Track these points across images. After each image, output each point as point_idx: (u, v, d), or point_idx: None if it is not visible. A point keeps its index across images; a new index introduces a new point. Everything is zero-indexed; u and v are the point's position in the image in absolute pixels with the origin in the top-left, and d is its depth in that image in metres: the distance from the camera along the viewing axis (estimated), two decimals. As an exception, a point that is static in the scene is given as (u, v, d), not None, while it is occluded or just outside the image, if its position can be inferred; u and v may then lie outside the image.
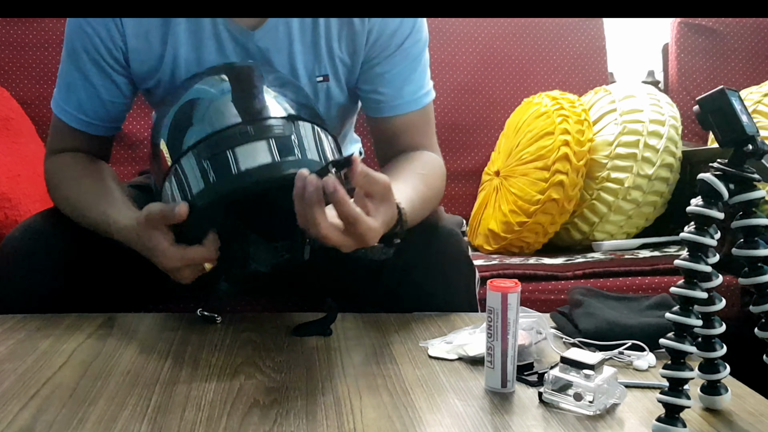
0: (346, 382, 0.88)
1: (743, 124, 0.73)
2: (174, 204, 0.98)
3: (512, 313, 0.84)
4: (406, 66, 1.24)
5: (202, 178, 0.98)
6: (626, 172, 1.78)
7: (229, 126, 0.99)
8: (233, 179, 0.97)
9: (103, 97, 1.20)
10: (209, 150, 0.98)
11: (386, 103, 1.25)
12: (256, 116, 1.01)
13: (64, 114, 1.22)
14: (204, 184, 0.98)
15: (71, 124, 1.22)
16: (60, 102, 1.23)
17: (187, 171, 0.99)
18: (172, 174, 1.01)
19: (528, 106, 1.96)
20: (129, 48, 1.17)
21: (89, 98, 1.20)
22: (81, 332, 1.04)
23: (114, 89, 1.21)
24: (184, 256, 1.01)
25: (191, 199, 0.99)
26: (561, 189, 1.77)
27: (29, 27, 2.01)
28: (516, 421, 0.79)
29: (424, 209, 1.16)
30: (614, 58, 2.32)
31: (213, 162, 0.98)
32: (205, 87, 1.05)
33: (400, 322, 1.11)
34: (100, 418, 0.77)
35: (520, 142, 1.89)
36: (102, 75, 1.19)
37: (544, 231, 1.82)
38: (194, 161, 0.99)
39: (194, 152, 0.99)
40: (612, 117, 1.85)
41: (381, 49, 1.22)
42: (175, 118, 1.04)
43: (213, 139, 0.98)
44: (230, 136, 0.98)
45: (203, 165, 0.98)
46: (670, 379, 0.73)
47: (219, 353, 0.97)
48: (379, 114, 1.27)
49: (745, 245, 0.76)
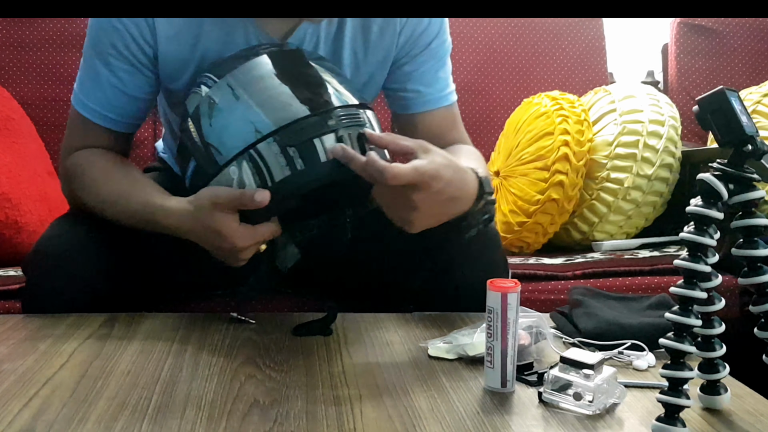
0: (346, 382, 0.88)
1: (743, 124, 0.73)
2: (252, 189, 0.99)
3: (512, 313, 0.84)
4: (433, 65, 1.27)
5: (288, 166, 0.99)
6: (626, 173, 1.78)
7: (312, 114, 1.00)
8: (321, 168, 0.99)
9: (129, 93, 1.18)
10: (295, 137, 0.99)
11: (414, 100, 1.28)
12: (330, 105, 1.02)
13: (88, 110, 1.20)
14: (291, 171, 0.99)
15: (95, 120, 1.20)
16: (83, 98, 1.20)
17: (267, 157, 1.00)
18: (244, 159, 1.00)
19: (528, 106, 1.96)
20: (159, 47, 1.16)
21: (115, 94, 1.18)
22: (81, 332, 1.04)
23: (142, 85, 1.19)
24: (256, 234, 1.03)
25: (272, 186, 1.00)
26: (561, 189, 1.77)
27: (29, 27, 2.01)
28: (516, 421, 0.79)
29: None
30: (614, 58, 2.32)
31: (300, 149, 0.99)
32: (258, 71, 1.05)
33: (400, 322, 1.11)
34: (100, 418, 0.77)
35: (520, 142, 1.89)
36: (131, 71, 1.17)
37: (544, 231, 1.82)
38: (277, 147, 0.99)
39: (276, 138, 1.00)
40: (612, 117, 1.85)
41: (409, 48, 1.25)
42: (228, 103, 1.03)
43: (297, 126, 1.00)
44: (316, 124, 1.00)
45: (288, 152, 0.99)
46: (669, 378, 0.73)
47: (219, 353, 0.97)
48: (408, 110, 1.29)
49: (745, 245, 0.76)
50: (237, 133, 1.01)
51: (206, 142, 1.04)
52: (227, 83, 1.04)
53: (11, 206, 1.59)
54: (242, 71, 1.05)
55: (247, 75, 1.05)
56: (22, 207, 1.61)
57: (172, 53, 1.16)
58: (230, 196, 1.01)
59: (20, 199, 1.61)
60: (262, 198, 0.99)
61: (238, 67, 1.06)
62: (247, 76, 1.05)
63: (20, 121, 1.81)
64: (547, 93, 1.96)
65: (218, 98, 1.04)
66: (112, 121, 1.21)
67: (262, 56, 1.07)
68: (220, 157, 1.03)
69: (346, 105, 1.04)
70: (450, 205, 1.03)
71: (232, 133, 1.02)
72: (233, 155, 1.01)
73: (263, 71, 1.05)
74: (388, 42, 1.23)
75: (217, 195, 1.02)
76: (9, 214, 1.58)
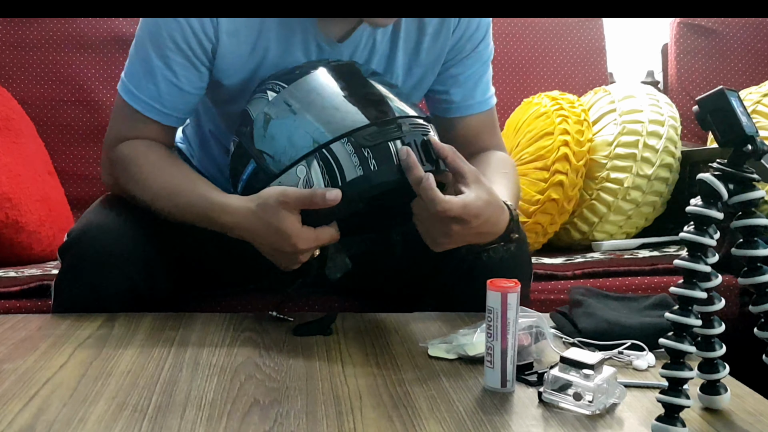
0: (346, 382, 0.88)
1: (742, 124, 0.73)
2: (323, 188, 1.00)
3: (512, 313, 0.84)
4: (479, 68, 1.29)
5: (362, 166, 1.00)
6: (626, 173, 1.77)
7: (387, 120, 1.03)
8: (394, 170, 1.01)
9: (183, 87, 1.17)
10: (370, 138, 1.01)
11: (458, 104, 1.30)
12: (400, 112, 1.05)
13: (138, 102, 1.18)
14: (363, 171, 1.01)
15: (144, 112, 1.18)
16: (133, 89, 1.18)
17: (340, 156, 1.01)
18: (314, 158, 1.01)
19: (527, 106, 1.96)
20: (220, 42, 1.15)
21: (168, 88, 1.17)
22: (81, 332, 1.04)
23: (196, 80, 1.18)
24: (317, 237, 1.04)
25: (343, 185, 1.01)
26: (560, 189, 1.77)
27: (29, 27, 2.00)
28: (516, 420, 0.79)
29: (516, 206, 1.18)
30: (614, 59, 2.32)
31: (374, 151, 1.00)
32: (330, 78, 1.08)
33: (400, 322, 1.11)
34: (100, 418, 0.77)
35: (520, 142, 1.89)
36: (187, 65, 1.16)
37: (544, 231, 1.82)
38: (351, 147, 1.01)
39: (351, 140, 1.01)
40: (611, 117, 1.85)
41: (458, 51, 1.26)
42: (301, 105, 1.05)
43: (372, 129, 1.01)
44: (391, 130, 1.02)
45: (363, 153, 1.00)
46: (669, 378, 0.73)
47: (219, 353, 0.97)
48: (450, 114, 1.30)
49: (745, 245, 0.76)
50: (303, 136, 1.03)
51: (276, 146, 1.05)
52: (296, 87, 1.07)
53: (11, 206, 1.58)
54: (309, 79, 1.08)
55: (314, 82, 1.08)
56: (22, 207, 1.61)
57: (231, 49, 1.16)
58: (300, 195, 1.01)
59: (20, 199, 1.61)
60: (335, 197, 0.99)
61: (304, 76, 1.08)
62: (314, 82, 1.08)
63: (20, 121, 1.81)
64: (547, 93, 1.96)
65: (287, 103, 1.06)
66: (162, 115, 1.19)
67: (319, 69, 1.09)
68: (288, 156, 1.04)
69: (412, 116, 1.06)
70: (478, 238, 1.05)
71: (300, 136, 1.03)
72: (304, 154, 1.02)
73: (326, 86, 1.07)
74: (442, 43, 1.24)
75: (286, 194, 1.02)
76: (9, 214, 1.57)
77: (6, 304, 1.33)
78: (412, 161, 1.00)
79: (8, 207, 1.58)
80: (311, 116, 1.04)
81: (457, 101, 1.29)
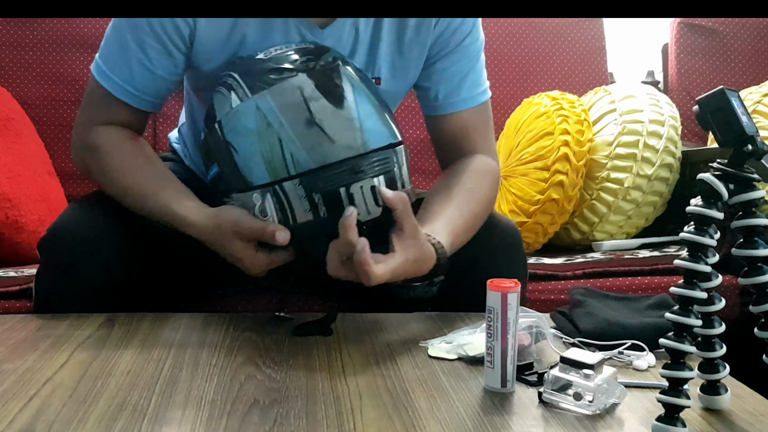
0: (346, 382, 0.88)
1: (743, 124, 0.73)
2: (274, 227, 1.01)
3: (512, 313, 0.84)
4: (465, 64, 1.26)
5: (312, 212, 1.01)
6: (626, 173, 1.77)
7: (340, 160, 1.01)
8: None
9: (156, 72, 1.17)
10: (321, 184, 1.00)
11: (444, 100, 1.27)
12: (362, 147, 1.02)
13: (110, 83, 1.18)
14: (313, 216, 1.01)
15: (116, 94, 1.18)
16: (106, 71, 1.19)
17: (292, 198, 1.01)
18: (268, 192, 1.02)
19: (528, 106, 1.96)
20: (198, 26, 1.15)
21: (141, 72, 1.17)
22: (81, 332, 1.04)
23: (170, 65, 1.18)
24: (272, 261, 1.06)
25: (293, 225, 1.01)
26: (561, 189, 1.77)
27: (29, 27, 2.00)
28: (516, 421, 0.79)
29: (472, 228, 1.17)
30: (614, 58, 2.32)
31: (325, 198, 1.00)
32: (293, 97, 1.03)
33: (400, 322, 1.11)
34: (100, 418, 0.77)
35: (520, 142, 1.89)
36: (161, 50, 1.16)
37: (544, 231, 1.82)
38: (303, 191, 1.01)
39: (303, 181, 1.00)
40: (612, 117, 1.85)
41: (442, 46, 1.24)
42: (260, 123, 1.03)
43: (326, 172, 1.00)
44: (344, 173, 1.00)
45: (313, 198, 1.01)
46: (669, 378, 0.73)
47: (219, 353, 0.97)
48: (438, 112, 1.28)
49: (745, 245, 0.76)
50: (259, 164, 1.02)
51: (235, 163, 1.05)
52: (257, 106, 1.04)
53: (11, 206, 1.58)
54: (274, 93, 1.04)
55: (279, 99, 1.04)
56: (22, 207, 1.60)
57: (209, 33, 1.16)
58: (252, 228, 1.03)
59: (20, 199, 1.61)
60: (283, 239, 1.01)
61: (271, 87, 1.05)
62: (279, 100, 1.04)
63: (20, 121, 1.81)
64: (547, 93, 1.96)
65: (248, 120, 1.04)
66: (134, 97, 1.19)
67: (295, 78, 1.05)
68: (244, 179, 1.04)
69: (378, 149, 1.04)
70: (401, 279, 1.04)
71: (256, 163, 1.03)
72: (259, 184, 1.02)
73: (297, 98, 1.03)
74: (424, 36, 1.23)
75: (240, 225, 1.04)
76: (9, 214, 1.57)
77: (6, 304, 1.32)
78: (348, 224, 0.97)
79: (8, 207, 1.58)
80: (269, 145, 1.02)
81: (441, 98, 1.27)
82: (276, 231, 1.01)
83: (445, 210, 1.14)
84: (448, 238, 1.09)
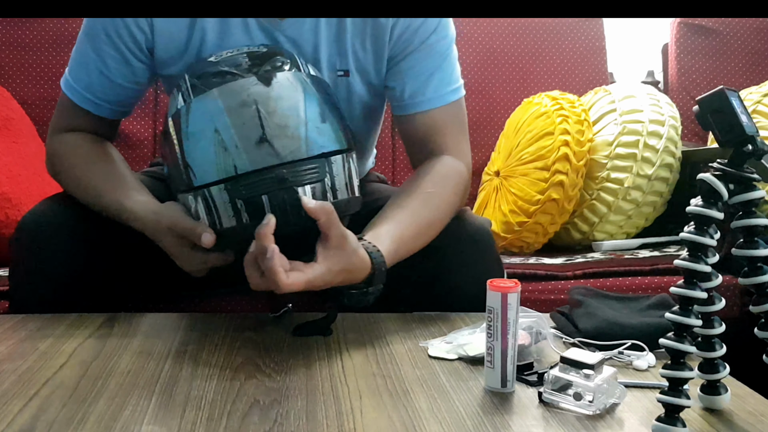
0: (346, 382, 0.88)
1: (743, 124, 0.73)
2: (201, 229, 1.03)
3: (512, 313, 0.84)
4: (431, 62, 1.24)
5: (235, 217, 1.01)
6: (626, 172, 1.78)
7: (266, 167, 0.99)
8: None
9: (114, 79, 1.20)
10: (245, 190, 1.00)
11: (409, 99, 1.25)
12: (291, 155, 1.00)
13: (72, 91, 1.22)
14: (236, 222, 1.01)
15: (77, 102, 1.22)
16: (69, 80, 1.23)
17: (218, 203, 1.02)
18: (199, 195, 1.03)
19: (528, 106, 1.96)
20: (156, 32, 1.17)
21: (99, 80, 1.20)
22: (81, 332, 1.04)
23: (128, 73, 1.20)
24: (206, 262, 1.07)
25: (219, 230, 1.02)
26: (561, 189, 1.77)
27: (29, 27, 2.01)
28: (516, 421, 0.79)
29: (426, 234, 1.14)
30: (614, 58, 2.32)
31: (247, 205, 1.00)
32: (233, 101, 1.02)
33: (400, 322, 1.11)
34: (100, 418, 0.77)
35: (520, 142, 1.89)
36: (119, 58, 1.18)
37: (544, 231, 1.82)
38: (227, 197, 1.01)
39: (227, 187, 1.00)
40: (612, 117, 1.85)
41: (405, 44, 1.22)
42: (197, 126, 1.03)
43: (250, 178, 1.00)
44: (268, 180, 0.99)
45: (237, 204, 1.01)
46: (669, 378, 0.73)
47: (219, 353, 0.97)
48: (405, 111, 1.26)
49: (745, 245, 0.76)
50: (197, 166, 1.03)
51: (177, 164, 1.05)
52: (198, 107, 1.04)
53: (11, 206, 1.59)
54: (215, 95, 1.03)
55: (220, 102, 1.02)
56: (22, 207, 1.61)
57: (169, 35, 1.17)
58: (185, 229, 1.05)
59: (20, 199, 1.61)
60: (208, 242, 1.02)
61: (212, 90, 1.04)
62: (220, 102, 1.02)
63: (20, 121, 1.82)
64: (547, 93, 1.96)
65: (189, 122, 1.04)
66: (95, 105, 1.22)
67: (238, 81, 1.03)
68: (183, 180, 1.04)
69: (310, 157, 1.01)
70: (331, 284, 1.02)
71: (194, 165, 1.03)
72: (194, 186, 1.03)
73: (237, 101, 1.02)
74: (381, 32, 1.21)
75: (175, 223, 1.06)
76: (9, 214, 1.58)
77: (6, 305, 1.32)
78: (262, 233, 0.95)
79: (8, 207, 1.58)
80: (205, 148, 1.02)
81: (407, 97, 1.25)
82: (202, 233, 1.03)
83: (396, 215, 1.12)
84: (392, 245, 1.07)
